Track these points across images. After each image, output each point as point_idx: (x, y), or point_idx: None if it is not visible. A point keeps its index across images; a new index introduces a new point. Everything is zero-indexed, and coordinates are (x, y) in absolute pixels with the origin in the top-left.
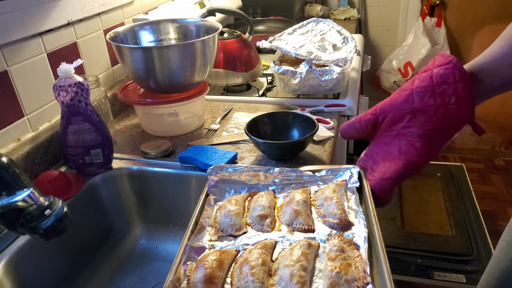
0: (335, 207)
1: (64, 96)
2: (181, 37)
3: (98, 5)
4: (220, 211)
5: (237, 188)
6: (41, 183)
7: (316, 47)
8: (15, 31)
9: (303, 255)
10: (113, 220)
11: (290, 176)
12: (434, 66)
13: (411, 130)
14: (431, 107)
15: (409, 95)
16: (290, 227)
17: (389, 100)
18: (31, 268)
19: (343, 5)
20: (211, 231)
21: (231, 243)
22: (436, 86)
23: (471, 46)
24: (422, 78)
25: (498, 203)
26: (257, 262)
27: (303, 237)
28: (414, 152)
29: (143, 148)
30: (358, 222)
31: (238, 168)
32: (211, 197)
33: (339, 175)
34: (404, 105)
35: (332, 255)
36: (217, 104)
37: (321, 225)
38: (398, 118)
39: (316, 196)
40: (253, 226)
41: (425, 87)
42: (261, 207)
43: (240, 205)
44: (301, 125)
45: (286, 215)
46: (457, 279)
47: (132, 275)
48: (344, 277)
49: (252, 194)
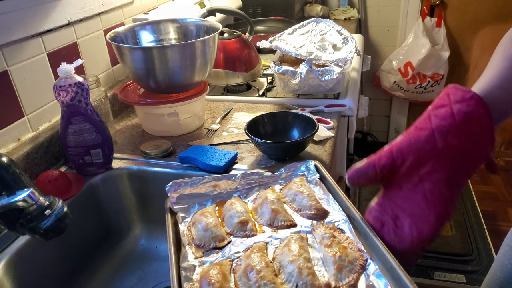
0: (308, 199)
1: (64, 96)
2: (181, 37)
3: (98, 5)
4: (194, 226)
5: (200, 201)
6: (41, 183)
7: (316, 47)
8: (15, 31)
9: (301, 248)
10: (113, 220)
11: (252, 179)
12: (452, 101)
13: (436, 176)
14: (455, 147)
15: (430, 135)
16: (273, 226)
17: (406, 140)
18: (31, 268)
19: (343, 5)
20: (192, 248)
21: (219, 255)
22: (460, 125)
23: (471, 46)
24: (442, 116)
25: (498, 203)
26: (262, 265)
27: (289, 233)
28: (444, 203)
29: (143, 148)
30: (333, 209)
31: (197, 181)
32: (179, 214)
33: (298, 170)
34: (425, 146)
35: (326, 242)
36: (217, 104)
37: (300, 218)
38: (420, 162)
39: (283, 193)
40: (235, 234)
41: (448, 126)
42: (239, 213)
43: (214, 216)
44: (301, 125)
45: (265, 215)
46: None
47: (132, 275)
48: (347, 258)
49: (218, 204)
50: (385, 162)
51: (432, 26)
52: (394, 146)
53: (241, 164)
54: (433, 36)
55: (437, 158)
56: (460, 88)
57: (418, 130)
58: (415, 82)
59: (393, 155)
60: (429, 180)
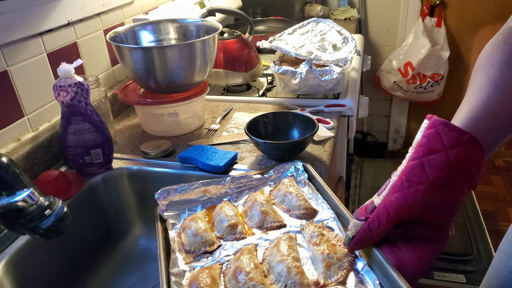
0: (297, 199)
1: (64, 96)
2: (181, 37)
3: (98, 5)
4: (184, 232)
5: (190, 207)
6: (41, 183)
7: (316, 47)
8: (15, 31)
9: (290, 248)
10: (113, 220)
11: (241, 182)
12: (446, 146)
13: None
14: (454, 197)
15: (428, 191)
16: (262, 228)
17: (403, 201)
18: (31, 268)
19: (343, 5)
20: (182, 254)
21: (209, 260)
22: (458, 172)
23: (471, 46)
24: (438, 166)
25: (498, 203)
26: (251, 266)
27: (279, 233)
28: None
29: (143, 148)
30: (322, 207)
31: (186, 187)
32: (169, 221)
33: (287, 171)
34: (423, 205)
35: (315, 240)
36: (217, 104)
37: (289, 218)
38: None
39: (272, 194)
40: (225, 238)
41: (446, 178)
42: (228, 217)
43: (203, 221)
44: (301, 125)
45: (255, 218)
46: (457, 279)
47: (132, 275)
48: (335, 256)
49: (208, 209)
50: (386, 227)
51: (432, 26)
52: (390, 208)
53: (241, 164)
54: (433, 36)
55: (432, 210)
56: (453, 127)
57: (414, 186)
58: (415, 82)
59: (392, 218)
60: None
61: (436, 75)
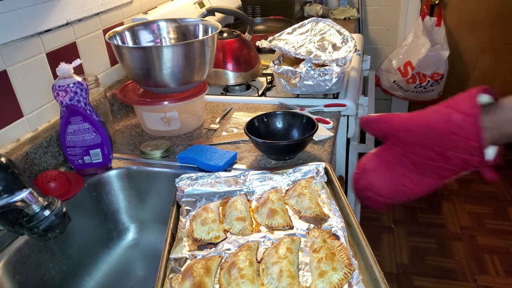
0: (309, 202)
1: (63, 96)
2: (181, 37)
3: (97, 5)
4: (195, 220)
5: (207, 196)
6: (40, 183)
7: (316, 47)
8: (14, 31)
9: (288, 251)
10: (113, 220)
11: (260, 178)
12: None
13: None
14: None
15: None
16: (269, 226)
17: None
18: (30, 268)
19: (342, 4)
20: (189, 241)
21: (212, 251)
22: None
23: (471, 45)
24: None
25: (498, 203)
26: (245, 264)
27: (283, 234)
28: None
29: (142, 148)
30: (333, 214)
31: (207, 177)
32: (184, 207)
33: (306, 172)
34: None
35: (316, 247)
36: (216, 104)
37: (298, 221)
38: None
39: (288, 194)
40: (231, 231)
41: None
42: (238, 211)
43: (215, 212)
44: (301, 125)
45: (264, 215)
46: None
47: (131, 275)
48: (332, 265)
49: (224, 201)
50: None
51: (432, 25)
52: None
53: (241, 164)
54: (433, 36)
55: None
56: (473, 97)
57: (421, 117)
58: (415, 82)
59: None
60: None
61: (436, 74)
